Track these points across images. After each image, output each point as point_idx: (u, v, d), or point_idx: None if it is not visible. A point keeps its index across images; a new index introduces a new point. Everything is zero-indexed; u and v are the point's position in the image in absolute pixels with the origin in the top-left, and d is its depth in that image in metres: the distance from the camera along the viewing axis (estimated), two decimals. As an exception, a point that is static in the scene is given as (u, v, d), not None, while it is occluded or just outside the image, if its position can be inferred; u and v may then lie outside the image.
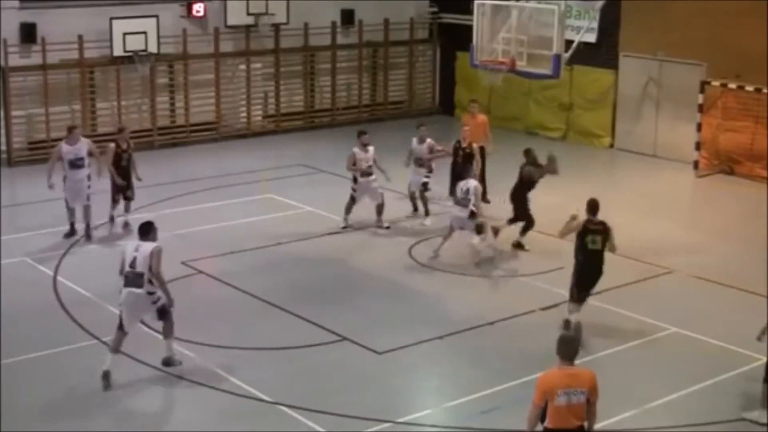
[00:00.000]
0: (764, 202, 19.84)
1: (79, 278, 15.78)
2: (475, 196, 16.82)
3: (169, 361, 12.42)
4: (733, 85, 22.49)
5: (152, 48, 23.88)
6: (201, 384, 12.29)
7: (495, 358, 13.28)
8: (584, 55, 22.70)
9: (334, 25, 27.19)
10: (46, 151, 19.11)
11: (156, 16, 23.91)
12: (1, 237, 17.43)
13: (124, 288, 12.11)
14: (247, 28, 25.76)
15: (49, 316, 14.39)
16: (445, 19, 28.45)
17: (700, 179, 22.84)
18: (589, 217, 13.72)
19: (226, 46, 25.69)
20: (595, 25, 24.11)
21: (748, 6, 22.20)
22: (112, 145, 17.91)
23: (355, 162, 18.16)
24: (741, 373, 12.70)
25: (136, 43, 23.57)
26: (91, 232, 17.49)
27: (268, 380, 12.45)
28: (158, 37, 23.91)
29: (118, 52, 23.52)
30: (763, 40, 21.78)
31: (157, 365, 12.52)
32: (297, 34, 26.61)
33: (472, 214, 16.78)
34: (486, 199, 19.66)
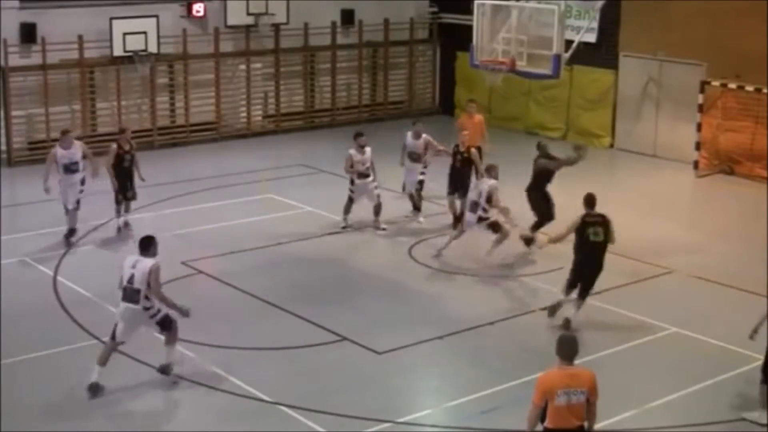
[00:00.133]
0: (764, 202, 19.83)
1: (79, 278, 15.78)
2: (492, 196, 16.43)
3: (165, 370, 12.28)
4: (733, 85, 22.48)
5: (152, 48, 23.87)
6: (201, 384, 12.30)
7: (495, 358, 13.28)
8: (584, 55, 22.70)
9: (334, 25, 27.19)
10: (46, 151, 19.06)
11: (156, 16, 23.90)
12: (1, 237, 17.43)
13: (121, 302, 12.07)
14: (247, 28, 25.76)
15: (49, 316, 14.39)
16: (445, 19, 28.44)
17: (700, 179, 22.84)
18: (587, 211, 13.95)
19: (226, 46, 25.69)
20: (595, 25, 24.11)
21: (748, 6, 22.20)
22: (114, 146, 17.80)
23: (352, 164, 18.14)
24: (741, 373, 12.70)
25: (136, 43, 23.56)
26: (72, 237, 17.29)
27: (268, 380, 12.45)
28: (158, 37, 23.90)
29: (118, 52, 23.52)
30: (763, 40, 21.77)
31: (159, 363, 12.47)
32: (297, 34, 26.61)
33: (480, 220, 16.58)
34: None
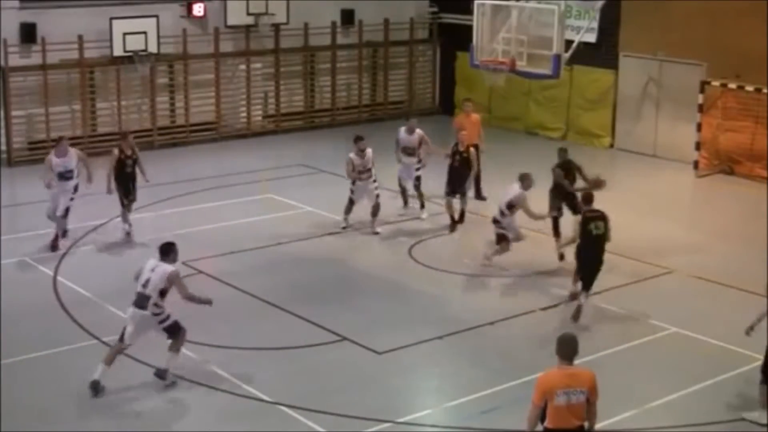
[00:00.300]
0: (764, 202, 19.82)
1: (79, 278, 15.77)
2: (515, 206, 16.03)
3: (162, 375, 12.19)
4: (733, 85, 22.47)
5: (152, 48, 23.86)
6: (201, 384, 12.30)
7: (495, 358, 13.28)
8: (584, 55, 22.70)
9: (334, 25, 27.18)
10: (46, 151, 19.02)
11: (156, 16, 23.89)
12: (1, 237, 17.43)
13: (131, 306, 12.11)
14: (247, 28, 25.75)
15: (49, 316, 14.39)
16: (445, 19, 28.43)
17: (700, 179, 22.83)
18: (587, 207, 14.23)
19: (226, 46, 25.68)
20: (595, 25, 24.10)
21: (748, 6, 22.19)
22: (116, 152, 17.69)
23: (353, 168, 18.13)
24: (741, 373, 12.70)
25: (136, 43, 23.55)
26: (58, 243, 17.11)
27: (268, 380, 12.45)
28: (158, 37, 23.89)
29: (118, 52, 23.50)
30: (763, 40, 21.77)
31: (158, 365, 12.45)
32: (297, 34, 26.61)
33: (495, 222, 16.33)
34: (482, 196, 19.72)
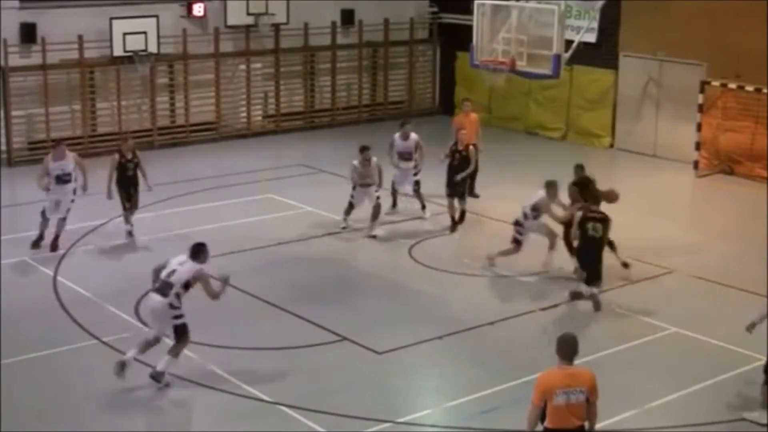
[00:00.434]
0: (764, 202, 19.82)
1: (79, 278, 15.77)
2: (541, 209, 15.90)
3: (157, 377, 12.11)
4: (733, 85, 22.47)
5: (152, 48, 23.86)
6: (201, 384, 12.30)
7: (495, 358, 13.27)
8: (584, 55, 22.71)
9: (334, 25, 27.18)
10: (46, 151, 19.03)
11: (156, 16, 23.89)
12: (1, 237, 17.43)
13: (151, 292, 12.21)
14: (247, 28, 25.74)
15: (49, 316, 14.38)
16: (445, 19, 28.43)
17: (700, 179, 22.83)
18: (590, 207, 14.08)
19: (226, 46, 25.68)
20: (595, 25, 24.11)
21: (748, 6, 22.19)
22: (116, 156, 17.66)
23: (357, 175, 18.07)
24: (741, 373, 12.69)
25: (136, 43, 23.55)
26: (58, 243, 17.08)
27: (268, 380, 12.45)
28: (158, 37, 23.89)
29: (118, 52, 23.50)
30: (763, 40, 21.77)
31: (156, 366, 12.47)
32: (297, 34, 26.60)
33: (516, 224, 16.20)
34: (474, 194, 19.74)
